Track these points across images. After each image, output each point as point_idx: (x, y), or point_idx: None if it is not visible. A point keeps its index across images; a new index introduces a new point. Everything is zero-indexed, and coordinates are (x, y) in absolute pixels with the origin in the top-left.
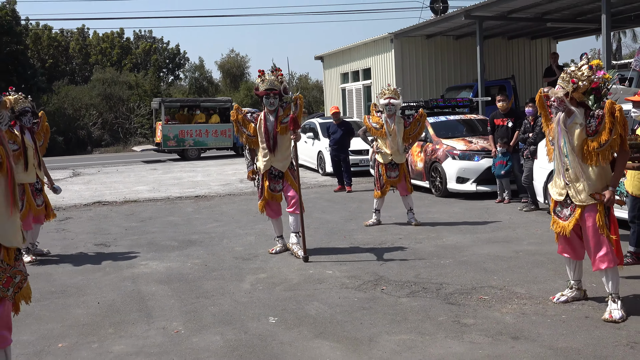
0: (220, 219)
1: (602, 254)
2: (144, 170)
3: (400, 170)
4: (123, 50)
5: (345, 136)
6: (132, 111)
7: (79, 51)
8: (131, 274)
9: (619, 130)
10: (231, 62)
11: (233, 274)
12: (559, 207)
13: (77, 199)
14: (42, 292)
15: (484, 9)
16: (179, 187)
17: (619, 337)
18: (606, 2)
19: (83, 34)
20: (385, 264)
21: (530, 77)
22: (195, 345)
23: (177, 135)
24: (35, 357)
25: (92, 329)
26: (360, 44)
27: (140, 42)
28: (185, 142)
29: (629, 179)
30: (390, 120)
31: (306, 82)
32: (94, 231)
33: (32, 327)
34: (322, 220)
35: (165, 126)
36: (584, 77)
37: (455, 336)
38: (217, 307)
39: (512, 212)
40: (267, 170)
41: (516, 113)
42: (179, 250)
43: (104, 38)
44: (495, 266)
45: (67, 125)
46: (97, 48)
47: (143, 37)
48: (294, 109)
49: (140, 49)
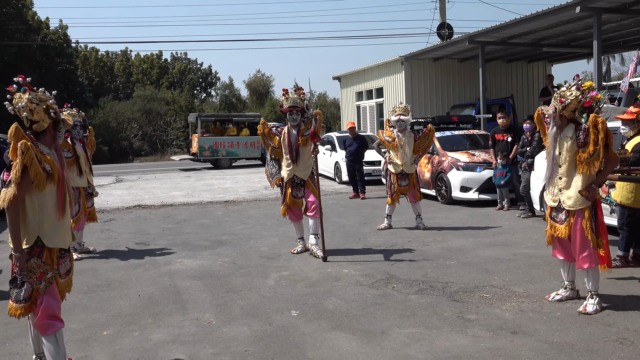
0: (247, 222)
1: (585, 255)
2: (179, 177)
3: (410, 180)
4: (161, 70)
5: (360, 148)
6: (169, 124)
7: (123, 71)
8: (168, 270)
9: (601, 138)
10: (257, 81)
11: (259, 272)
12: (554, 212)
13: (120, 203)
14: (89, 285)
15: (486, 35)
16: (210, 193)
17: (609, 333)
18: (597, 29)
19: (126, 55)
20: (396, 264)
21: (527, 96)
22: (225, 335)
23: (211, 146)
24: (83, 343)
25: (133, 319)
26: (373, 65)
27: (176, 63)
28: (219, 153)
29: (618, 190)
30: (401, 134)
31: (324, 100)
32: (135, 231)
33: (79, 316)
34: (338, 224)
35: (202, 138)
36: (571, 96)
37: (459, 330)
38: (244, 301)
39: (511, 219)
40: (290, 179)
41: (515, 129)
42: (210, 250)
43: (144, 59)
44: (496, 267)
45: (111, 136)
46: (139, 68)
47: (179, 58)
48: (315, 124)
49: (177, 69)
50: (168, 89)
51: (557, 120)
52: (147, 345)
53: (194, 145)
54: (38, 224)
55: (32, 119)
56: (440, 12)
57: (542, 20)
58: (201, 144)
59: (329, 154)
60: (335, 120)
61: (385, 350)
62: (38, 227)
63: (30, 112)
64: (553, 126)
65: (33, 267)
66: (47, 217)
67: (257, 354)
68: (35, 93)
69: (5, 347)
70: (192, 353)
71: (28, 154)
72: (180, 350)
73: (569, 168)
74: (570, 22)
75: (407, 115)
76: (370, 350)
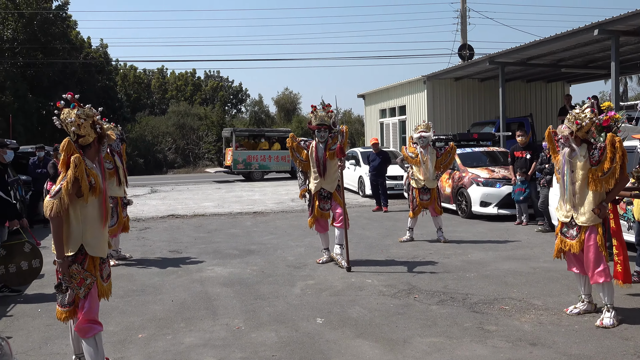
0: (275, 232)
1: (599, 270)
2: (210, 189)
3: (432, 194)
4: (195, 87)
5: (382, 163)
6: (201, 138)
7: (159, 87)
8: (199, 277)
9: (619, 156)
10: (285, 99)
11: (286, 280)
12: (565, 228)
13: (155, 212)
14: (125, 290)
15: (506, 56)
16: (240, 204)
17: (627, 347)
18: (615, 51)
19: (162, 73)
20: (418, 275)
21: (546, 115)
22: (253, 340)
23: (245, 159)
24: (120, 345)
25: (167, 323)
26: (397, 84)
27: (209, 81)
28: (252, 166)
29: (636, 206)
30: (424, 150)
31: (349, 117)
32: (168, 240)
33: (116, 319)
34: (362, 236)
35: (236, 152)
36: (586, 118)
37: (479, 341)
38: (272, 308)
39: (530, 233)
40: (317, 191)
41: (533, 146)
42: (239, 258)
43: (179, 77)
44: (515, 280)
45: (147, 149)
46: (174, 85)
47: (212, 76)
48: (341, 139)
49: (209, 86)
50: (201, 105)
51: (571, 141)
52: (179, 348)
53: (228, 158)
54: (81, 233)
55: (78, 133)
56: (461, 34)
57: (561, 42)
58: (235, 157)
59: (353, 169)
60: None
61: (407, 358)
62: (81, 236)
63: (78, 127)
64: (564, 146)
65: (74, 273)
66: (89, 227)
67: (283, 359)
68: (82, 109)
69: (47, 347)
70: (222, 357)
71: (80, 167)
72: (211, 354)
73: (582, 185)
74: (588, 44)
75: (428, 132)
76: (392, 358)
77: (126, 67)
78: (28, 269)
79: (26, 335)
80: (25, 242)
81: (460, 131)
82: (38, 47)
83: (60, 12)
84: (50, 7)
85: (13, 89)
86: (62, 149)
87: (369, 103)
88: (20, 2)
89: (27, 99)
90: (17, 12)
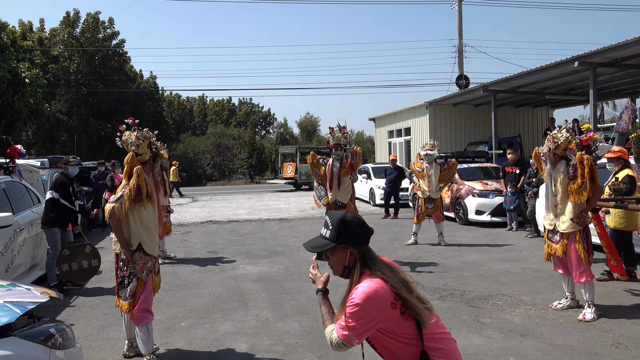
0: (298, 236)
1: (581, 270)
2: (243, 198)
3: (435, 203)
4: (230, 112)
5: (398, 177)
6: (235, 156)
7: (199, 112)
8: (233, 274)
9: (586, 172)
10: (307, 121)
11: (307, 277)
12: (551, 234)
13: (195, 218)
14: (170, 284)
15: (497, 85)
16: (268, 212)
17: (606, 338)
18: (593, 80)
19: (203, 100)
20: (421, 274)
21: (532, 136)
22: (279, 329)
23: (307, 172)
24: (165, 332)
25: (205, 313)
26: (403, 109)
27: (242, 106)
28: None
29: (612, 216)
30: (430, 166)
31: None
32: (207, 242)
33: (162, 310)
34: (372, 240)
35: (301, 165)
36: (562, 137)
37: (475, 331)
38: (295, 301)
39: (519, 238)
40: (333, 202)
41: (522, 163)
42: (267, 258)
43: (217, 103)
44: (506, 279)
45: (189, 165)
46: (212, 110)
47: (245, 102)
48: (355, 159)
49: (243, 111)
50: (235, 127)
51: (550, 157)
52: (216, 335)
53: (287, 170)
54: (139, 233)
55: (137, 152)
56: (458, 66)
57: (546, 72)
58: (300, 170)
59: (365, 181)
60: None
61: None
62: (139, 235)
63: (137, 147)
64: (547, 163)
65: (137, 260)
66: (145, 229)
67: (305, 346)
68: (141, 132)
69: (103, 333)
70: (252, 343)
71: (142, 177)
72: (243, 341)
73: (562, 197)
74: (569, 74)
75: (434, 150)
76: None
77: (172, 95)
78: (88, 267)
79: (86, 322)
80: (86, 244)
81: (457, 149)
82: (98, 78)
83: (117, 49)
84: (109, 45)
85: (78, 113)
86: (126, 162)
87: (379, 125)
88: (84, 41)
89: (89, 122)
90: (82, 50)
